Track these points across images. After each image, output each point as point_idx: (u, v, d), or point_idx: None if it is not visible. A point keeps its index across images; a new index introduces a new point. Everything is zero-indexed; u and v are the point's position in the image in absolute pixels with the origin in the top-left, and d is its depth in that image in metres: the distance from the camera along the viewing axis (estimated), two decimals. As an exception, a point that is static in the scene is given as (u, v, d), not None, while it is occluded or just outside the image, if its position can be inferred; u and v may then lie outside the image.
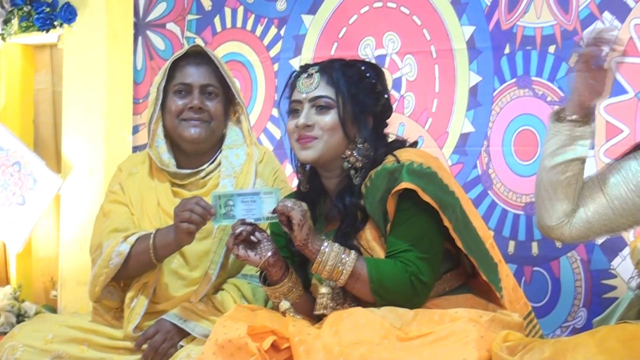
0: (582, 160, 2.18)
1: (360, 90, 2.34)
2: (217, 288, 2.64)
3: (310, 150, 2.32)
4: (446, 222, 2.22)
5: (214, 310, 2.57)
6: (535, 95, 2.97)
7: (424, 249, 2.23)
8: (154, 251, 2.55)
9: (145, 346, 2.54)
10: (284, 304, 2.33)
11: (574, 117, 2.17)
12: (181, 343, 2.53)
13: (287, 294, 2.34)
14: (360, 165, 2.33)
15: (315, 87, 2.34)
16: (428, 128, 3.21)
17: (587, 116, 2.18)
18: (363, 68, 2.38)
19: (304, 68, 2.40)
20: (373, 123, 2.38)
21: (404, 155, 2.29)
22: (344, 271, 2.22)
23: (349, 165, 2.34)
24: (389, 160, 2.29)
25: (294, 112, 2.37)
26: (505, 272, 2.35)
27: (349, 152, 2.33)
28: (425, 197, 2.21)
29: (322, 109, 2.33)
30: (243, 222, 2.30)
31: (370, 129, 2.35)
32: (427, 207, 2.22)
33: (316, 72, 2.35)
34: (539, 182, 2.22)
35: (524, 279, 2.97)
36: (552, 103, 2.92)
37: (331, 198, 2.40)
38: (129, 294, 2.63)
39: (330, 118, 2.32)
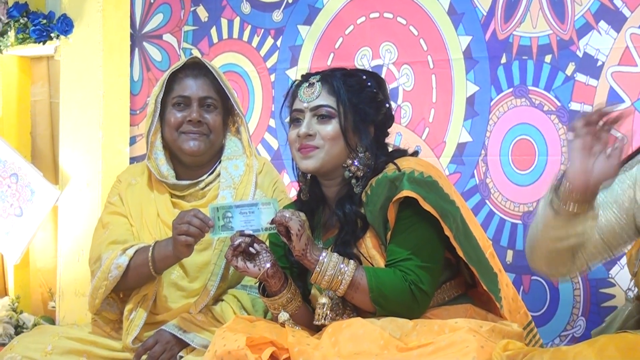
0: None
1: (361, 100, 2.35)
2: (217, 299, 2.64)
3: (312, 159, 2.33)
4: (447, 231, 2.22)
5: (213, 321, 2.57)
6: (532, 105, 2.98)
7: (424, 258, 2.23)
8: (152, 263, 2.55)
9: (144, 357, 2.54)
10: (283, 315, 2.32)
11: (571, 207, 1.95)
12: (180, 354, 2.53)
13: (286, 305, 2.33)
14: (361, 174, 2.33)
15: (317, 96, 2.34)
16: (425, 138, 3.22)
17: (587, 202, 1.95)
18: (364, 77, 2.38)
19: (305, 77, 2.40)
20: (374, 132, 2.38)
21: (405, 163, 2.29)
22: (343, 281, 2.22)
23: (350, 174, 2.34)
24: (390, 169, 2.29)
25: (295, 121, 2.37)
26: (505, 281, 2.35)
27: (350, 161, 2.34)
28: (426, 206, 2.21)
29: (324, 118, 2.33)
30: (241, 234, 2.30)
31: (371, 138, 2.36)
32: (427, 216, 2.22)
33: (317, 81, 2.36)
34: (534, 241, 2.09)
35: (522, 288, 2.97)
36: (549, 112, 2.93)
37: (330, 206, 2.40)
38: (128, 307, 2.62)
39: (331, 128, 2.32)
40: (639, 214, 2.09)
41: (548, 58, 2.94)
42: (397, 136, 3.22)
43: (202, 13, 3.83)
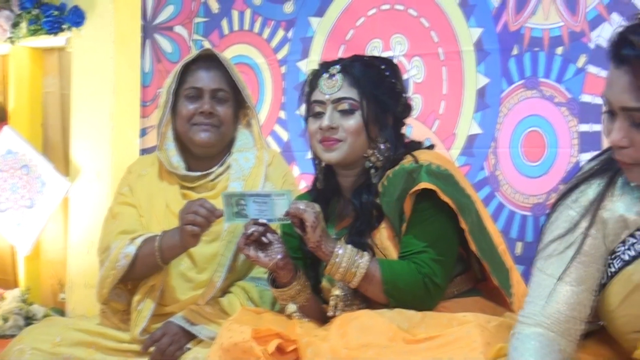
0: None
1: (381, 91, 2.34)
2: (225, 291, 2.64)
3: (335, 152, 2.32)
4: (463, 224, 2.21)
5: (221, 313, 2.57)
6: (543, 97, 2.96)
7: (439, 251, 2.22)
8: (160, 253, 2.55)
9: (152, 349, 2.54)
10: (291, 307, 2.32)
11: None
12: (188, 345, 2.53)
13: (295, 296, 2.33)
14: (380, 165, 2.33)
15: (339, 88, 2.32)
16: (435, 130, 3.21)
17: None
18: (383, 67, 2.37)
19: (325, 67, 2.38)
20: (392, 123, 2.37)
21: (423, 156, 2.28)
22: (357, 273, 2.21)
23: (370, 165, 2.33)
24: (407, 161, 2.28)
25: (315, 112, 2.36)
26: (517, 278, 2.34)
27: (371, 152, 2.33)
28: (445, 198, 2.20)
29: (346, 111, 2.32)
30: (255, 222, 2.28)
31: (390, 128, 2.35)
32: (444, 209, 2.21)
33: (338, 72, 2.33)
34: None
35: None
36: (559, 104, 2.92)
37: (345, 196, 2.39)
38: (136, 297, 2.62)
39: (354, 121, 2.31)
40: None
41: (559, 50, 2.92)
42: (407, 128, 3.20)
43: (214, 5, 3.83)
